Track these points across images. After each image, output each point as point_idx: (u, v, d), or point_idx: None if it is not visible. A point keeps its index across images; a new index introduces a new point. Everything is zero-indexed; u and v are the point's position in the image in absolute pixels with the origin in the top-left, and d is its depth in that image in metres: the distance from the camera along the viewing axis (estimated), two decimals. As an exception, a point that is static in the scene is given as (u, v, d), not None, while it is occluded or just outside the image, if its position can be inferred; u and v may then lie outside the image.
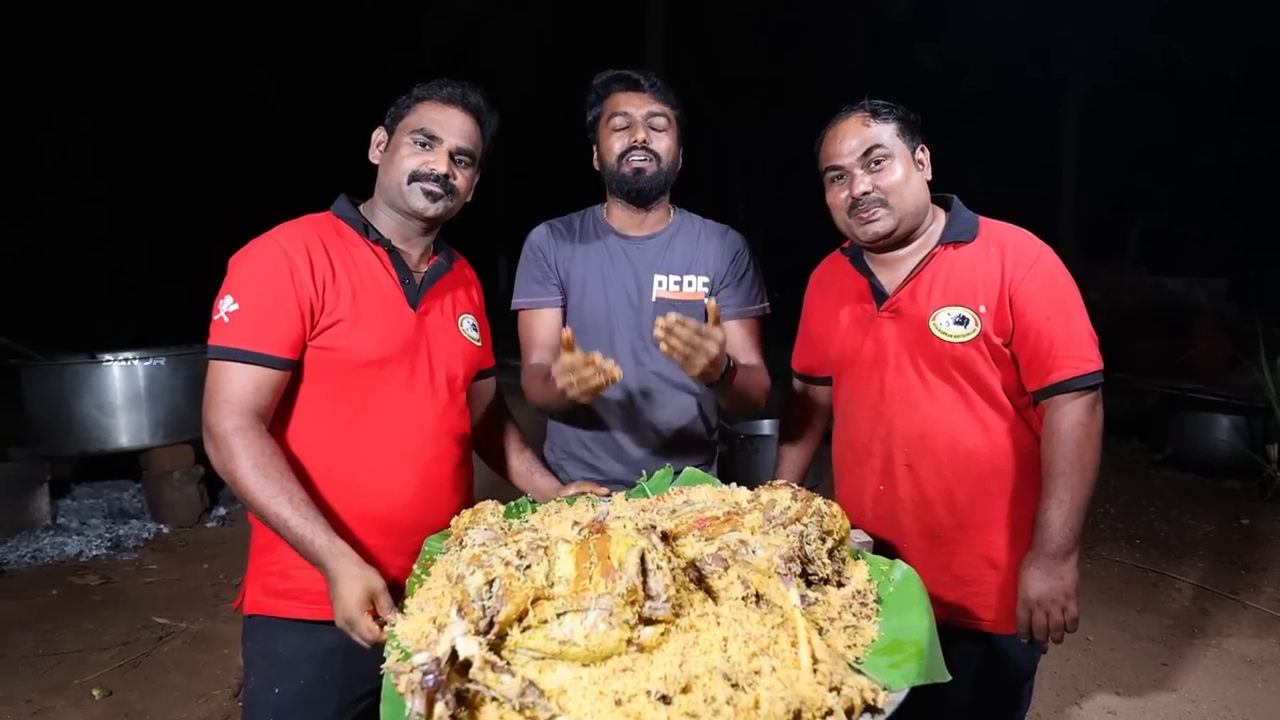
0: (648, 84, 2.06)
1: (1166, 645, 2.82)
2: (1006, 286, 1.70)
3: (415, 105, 1.73)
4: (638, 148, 2.03)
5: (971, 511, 1.77)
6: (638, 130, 2.04)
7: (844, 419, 1.96)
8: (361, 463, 1.63)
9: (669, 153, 2.07)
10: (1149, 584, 3.42)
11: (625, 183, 2.05)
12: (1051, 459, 1.67)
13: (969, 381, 1.74)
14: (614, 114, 2.06)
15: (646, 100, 2.05)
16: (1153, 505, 4.62)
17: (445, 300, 1.81)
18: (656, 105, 2.05)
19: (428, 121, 1.70)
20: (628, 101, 2.05)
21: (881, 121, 1.77)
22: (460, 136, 1.71)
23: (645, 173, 2.04)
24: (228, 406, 1.48)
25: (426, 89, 1.74)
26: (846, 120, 1.80)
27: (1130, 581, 3.47)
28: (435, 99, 1.73)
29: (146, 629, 3.35)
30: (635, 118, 2.04)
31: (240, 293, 1.54)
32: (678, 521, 1.45)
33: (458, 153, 1.71)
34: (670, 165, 2.08)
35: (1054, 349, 1.66)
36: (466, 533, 1.45)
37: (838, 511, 1.49)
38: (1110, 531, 4.20)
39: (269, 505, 1.43)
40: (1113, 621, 3.04)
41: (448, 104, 1.72)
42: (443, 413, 1.74)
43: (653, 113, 2.04)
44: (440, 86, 1.74)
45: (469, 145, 1.73)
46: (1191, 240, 14.96)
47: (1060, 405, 1.68)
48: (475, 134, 1.76)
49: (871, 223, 1.76)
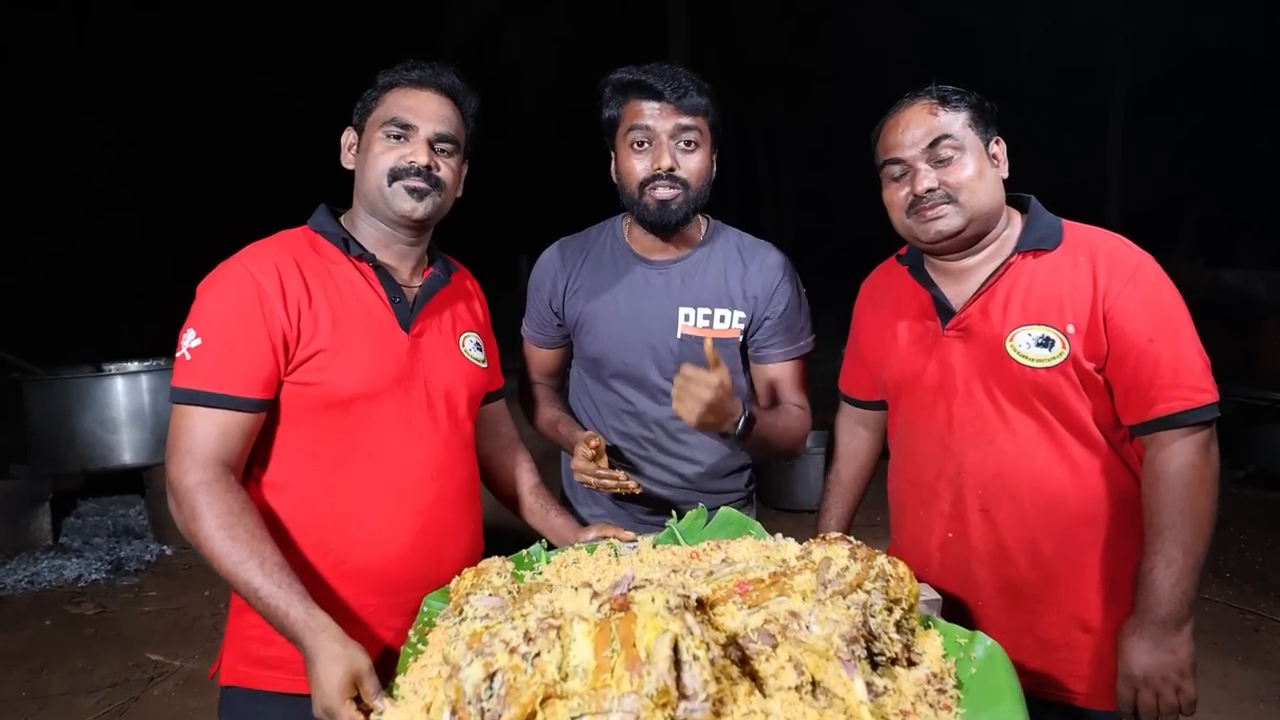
0: (673, 93, 1.76)
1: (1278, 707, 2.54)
2: (1100, 302, 1.50)
3: (383, 95, 1.58)
4: (662, 176, 1.79)
5: (1059, 564, 1.57)
6: (662, 154, 1.78)
7: (904, 453, 1.77)
8: (350, 512, 1.48)
9: (700, 175, 1.82)
10: (1248, 629, 3.14)
11: (648, 215, 1.83)
12: (1157, 508, 1.47)
13: (1054, 413, 1.55)
14: (633, 127, 1.80)
15: (672, 112, 1.78)
16: (1242, 532, 4.32)
17: (443, 318, 1.66)
18: (685, 117, 1.78)
19: (399, 110, 1.55)
20: (650, 114, 1.78)
21: (952, 109, 1.58)
22: (438, 121, 1.57)
23: (671, 205, 1.81)
24: (190, 458, 1.34)
25: (392, 74, 1.60)
26: (910, 107, 1.61)
27: (1226, 625, 3.19)
28: (404, 84, 1.58)
29: (138, 667, 3.25)
30: (659, 136, 1.79)
31: (203, 326, 1.40)
32: (715, 585, 1.30)
33: (438, 140, 1.57)
34: (701, 189, 1.85)
35: (1159, 377, 1.46)
36: (467, 599, 1.29)
37: (905, 573, 1.32)
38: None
39: (237, 572, 1.28)
40: (1212, 676, 2.76)
41: (419, 88, 1.58)
42: (444, 448, 1.59)
43: (681, 127, 1.78)
44: (408, 69, 1.59)
45: (449, 130, 1.58)
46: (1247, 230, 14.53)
47: (1166, 444, 1.48)
48: (454, 117, 1.61)
49: (936, 220, 1.57)
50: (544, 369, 2.10)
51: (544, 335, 2.04)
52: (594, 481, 1.78)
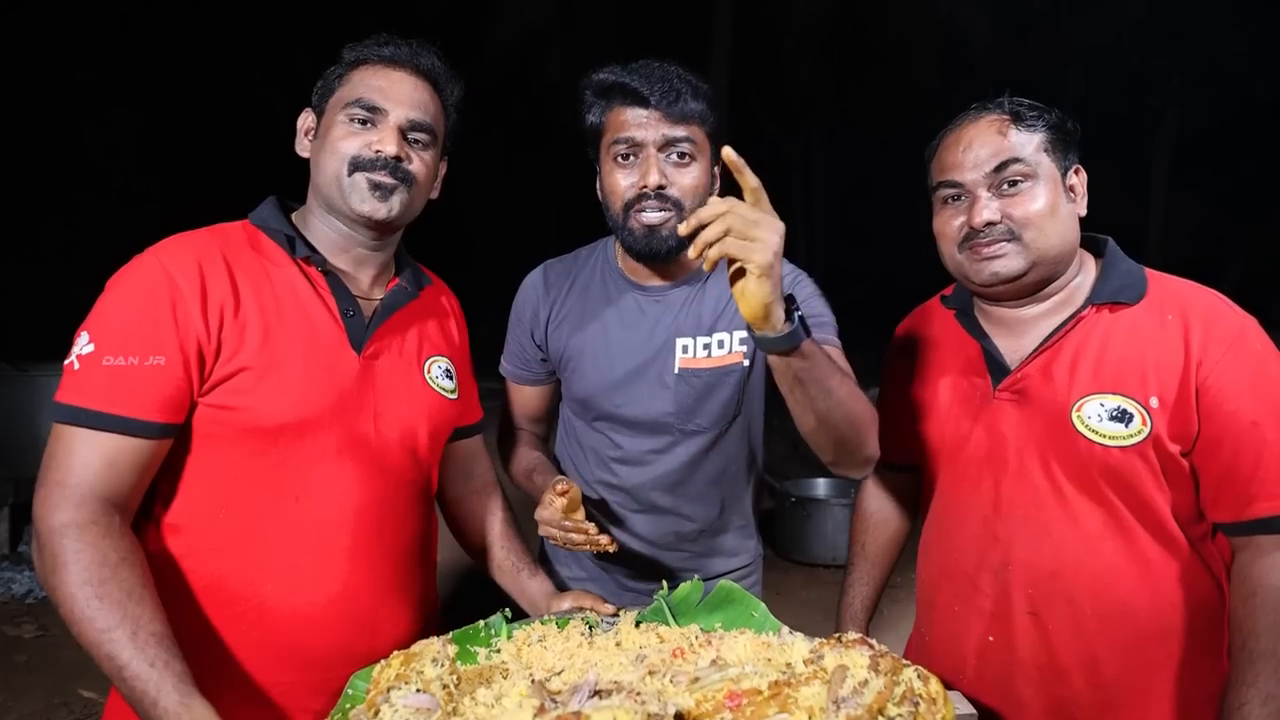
0: (662, 98, 1.54)
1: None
2: (1193, 372, 1.28)
3: (349, 73, 1.40)
4: (650, 195, 1.57)
5: (1123, 686, 1.35)
6: (650, 170, 1.56)
7: (940, 533, 1.55)
8: (268, 567, 1.27)
9: (693, 192, 1.59)
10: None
11: (635, 243, 1.62)
12: (1253, 630, 1.23)
13: (1126, 502, 1.33)
14: (617, 140, 1.59)
15: (660, 121, 1.55)
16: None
17: (406, 339, 1.46)
18: (677, 127, 1.56)
19: (367, 90, 1.37)
20: (636, 124, 1.56)
21: (1026, 129, 1.38)
22: (412, 106, 1.38)
23: (660, 231, 1.59)
24: (60, 491, 1.14)
25: (361, 49, 1.42)
26: (976, 122, 1.41)
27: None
28: (374, 61, 1.40)
29: (65, 706, 3.04)
30: (646, 148, 1.57)
31: (99, 329, 1.20)
32: (701, 695, 1.10)
33: (411, 128, 1.38)
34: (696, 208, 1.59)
35: (1262, 469, 1.25)
36: (388, 695, 1.06)
37: (938, 693, 1.11)
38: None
39: (100, 642, 1.06)
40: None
41: (392, 66, 1.40)
42: (391, 494, 1.39)
43: (671, 139, 1.56)
44: (380, 45, 1.41)
45: (424, 117, 1.40)
46: None
47: (1267, 551, 1.25)
48: (432, 104, 1.43)
49: (992, 260, 1.37)
50: (527, 410, 1.90)
51: (526, 371, 1.85)
52: (559, 536, 1.54)
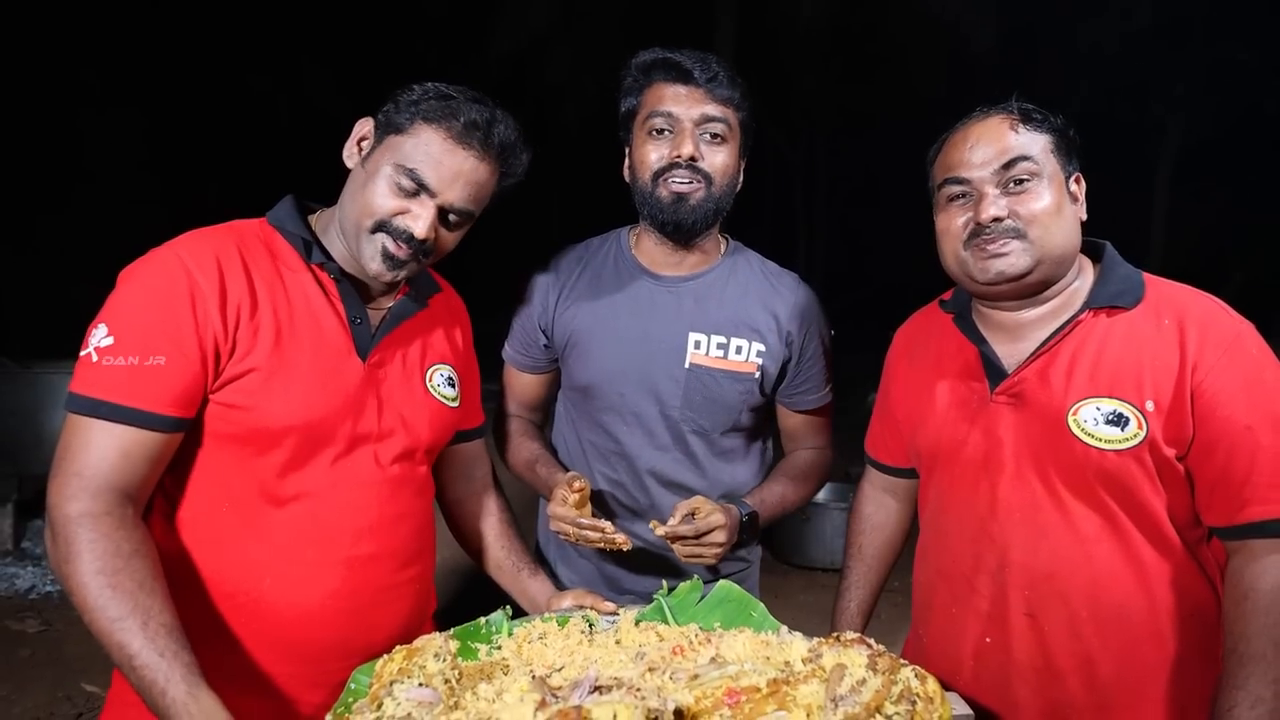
0: (704, 75, 1.61)
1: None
2: (1189, 376, 1.28)
3: (418, 126, 1.32)
4: (681, 165, 1.61)
5: (1118, 688, 1.35)
6: (684, 141, 1.61)
7: (937, 535, 1.56)
8: (270, 563, 1.29)
9: (725, 171, 1.65)
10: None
11: (661, 211, 1.65)
12: (1243, 633, 1.23)
13: (1122, 505, 1.33)
14: (654, 113, 1.63)
15: (701, 99, 1.61)
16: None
17: (411, 348, 1.47)
18: (714, 106, 1.62)
19: (425, 160, 1.31)
20: (675, 98, 1.62)
21: (1034, 129, 1.38)
22: (463, 192, 1.34)
23: (689, 200, 1.63)
24: (77, 481, 1.15)
25: (439, 109, 1.32)
26: (984, 121, 1.41)
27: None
28: (446, 130, 1.32)
29: (69, 700, 3.06)
30: (682, 122, 1.62)
31: (117, 322, 1.20)
32: (700, 693, 1.10)
33: (452, 212, 1.35)
34: (726, 189, 1.67)
35: (1256, 473, 1.24)
36: (391, 688, 1.07)
37: (934, 692, 1.12)
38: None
39: (112, 631, 1.08)
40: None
41: (461, 144, 1.32)
42: (390, 495, 1.40)
43: (708, 116, 1.62)
44: (458, 113, 1.32)
45: (470, 205, 1.36)
46: None
47: (1259, 555, 1.25)
48: (488, 185, 1.38)
49: (998, 257, 1.36)
50: (525, 399, 1.91)
51: (528, 358, 1.85)
52: (573, 533, 1.56)
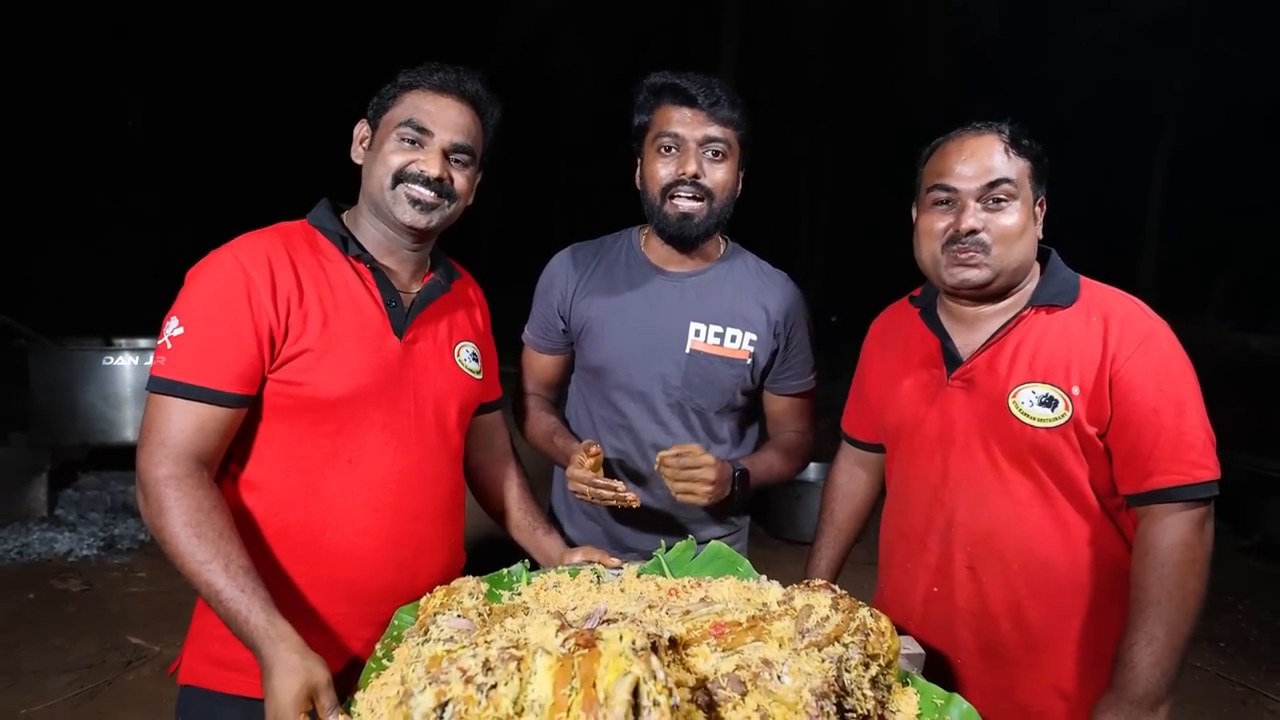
0: (706, 100, 1.77)
1: (1260, 786, 2.53)
2: (1108, 366, 1.47)
3: (402, 95, 1.54)
4: (686, 182, 1.79)
5: (1043, 631, 1.54)
6: (689, 160, 1.79)
7: (897, 501, 1.75)
8: (325, 517, 1.46)
9: (724, 187, 1.83)
10: (1236, 700, 3.11)
11: (668, 226, 1.84)
12: (1144, 584, 1.43)
13: (1051, 475, 1.52)
14: (662, 133, 1.81)
15: (703, 121, 1.78)
16: (1240, 602, 4.27)
17: (439, 326, 1.64)
18: (716, 128, 1.79)
19: (417, 113, 1.51)
20: (680, 120, 1.79)
21: (1019, 154, 1.54)
22: (456, 130, 1.53)
23: (694, 217, 1.81)
24: (162, 450, 1.32)
25: (414, 75, 1.55)
26: (978, 138, 1.55)
27: (1215, 695, 3.15)
28: (425, 86, 1.53)
29: (117, 650, 3.24)
30: (687, 143, 1.79)
31: (188, 314, 1.38)
32: (691, 625, 1.28)
33: (454, 150, 1.53)
34: (725, 203, 1.85)
35: (1159, 448, 1.43)
36: (434, 619, 1.27)
37: (886, 628, 1.29)
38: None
39: (200, 572, 1.25)
40: (1196, 749, 2.75)
41: (440, 92, 1.54)
42: (428, 459, 1.57)
43: (710, 138, 1.79)
44: (430, 72, 1.55)
45: (467, 140, 1.55)
46: None
47: (1159, 518, 1.44)
48: (475, 127, 1.57)
49: (967, 267, 1.53)
50: (543, 378, 2.08)
51: (546, 340, 2.02)
52: (589, 492, 1.72)
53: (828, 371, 2.01)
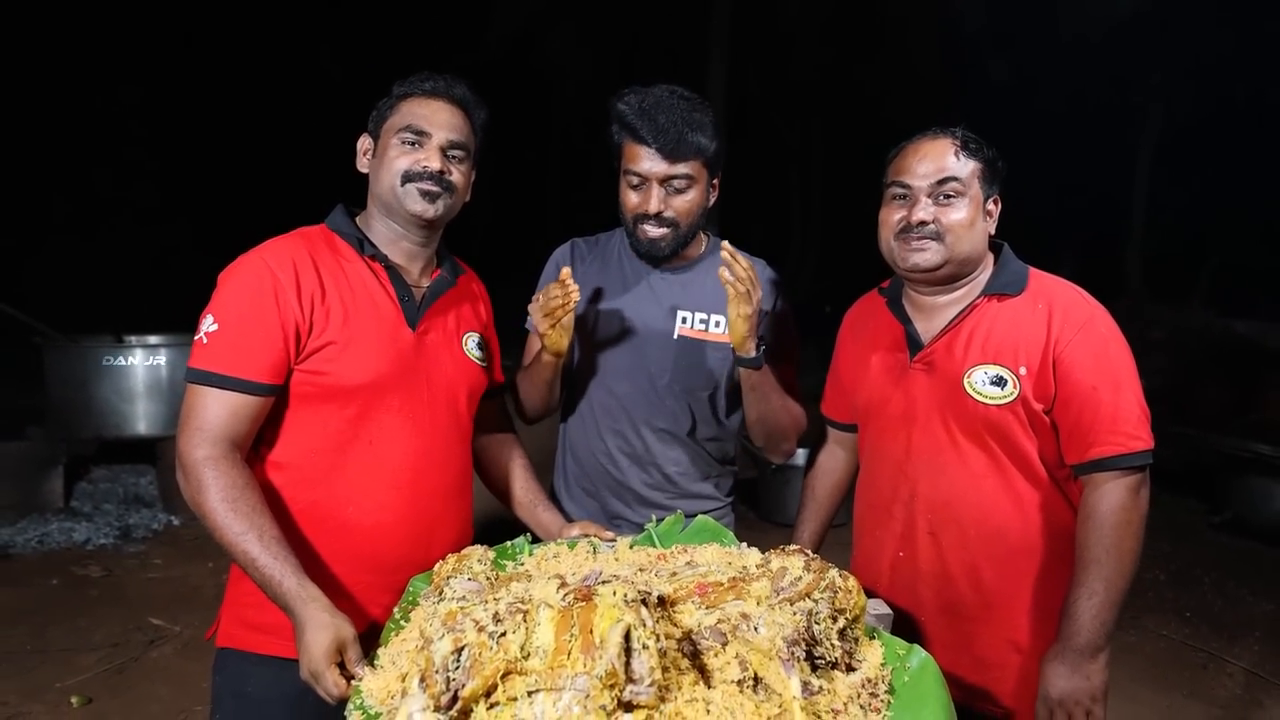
0: (664, 145, 1.83)
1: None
2: (1051, 348, 1.59)
3: (398, 104, 1.67)
4: (651, 217, 1.89)
5: (997, 590, 1.67)
6: (650, 199, 1.88)
7: (867, 475, 1.87)
8: (348, 495, 1.57)
9: (690, 213, 1.92)
10: (1198, 665, 3.24)
11: (639, 247, 1.96)
12: (1086, 544, 1.55)
13: (1003, 448, 1.64)
14: (627, 170, 1.91)
15: (663, 162, 1.86)
16: (1207, 575, 4.41)
17: (448, 318, 1.75)
18: (676, 165, 1.86)
19: (414, 118, 1.64)
20: (645, 158, 1.87)
21: (968, 156, 1.66)
22: (450, 130, 1.65)
23: (660, 242, 1.92)
24: (199, 434, 1.43)
25: (407, 85, 1.68)
26: (933, 142, 1.69)
27: (1178, 661, 3.30)
28: (418, 94, 1.67)
29: (139, 630, 3.35)
30: (650, 181, 1.88)
31: (221, 313, 1.49)
32: (677, 585, 1.38)
33: (450, 147, 1.65)
34: (692, 224, 1.93)
35: (1098, 422, 1.55)
36: (448, 582, 1.39)
37: (853, 587, 1.40)
38: (1159, 601, 4.00)
39: (236, 542, 1.37)
40: (1156, 707, 2.88)
41: (432, 97, 1.67)
42: (440, 441, 1.68)
43: (671, 175, 1.87)
44: (422, 80, 1.68)
45: (460, 138, 1.67)
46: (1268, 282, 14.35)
47: (1099, 485, 1.56)
48: (465, 126, 1.69)
49: (918, 252, 1.66)
50: None
51: None
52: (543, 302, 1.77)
53: (820, 361, 2.10)
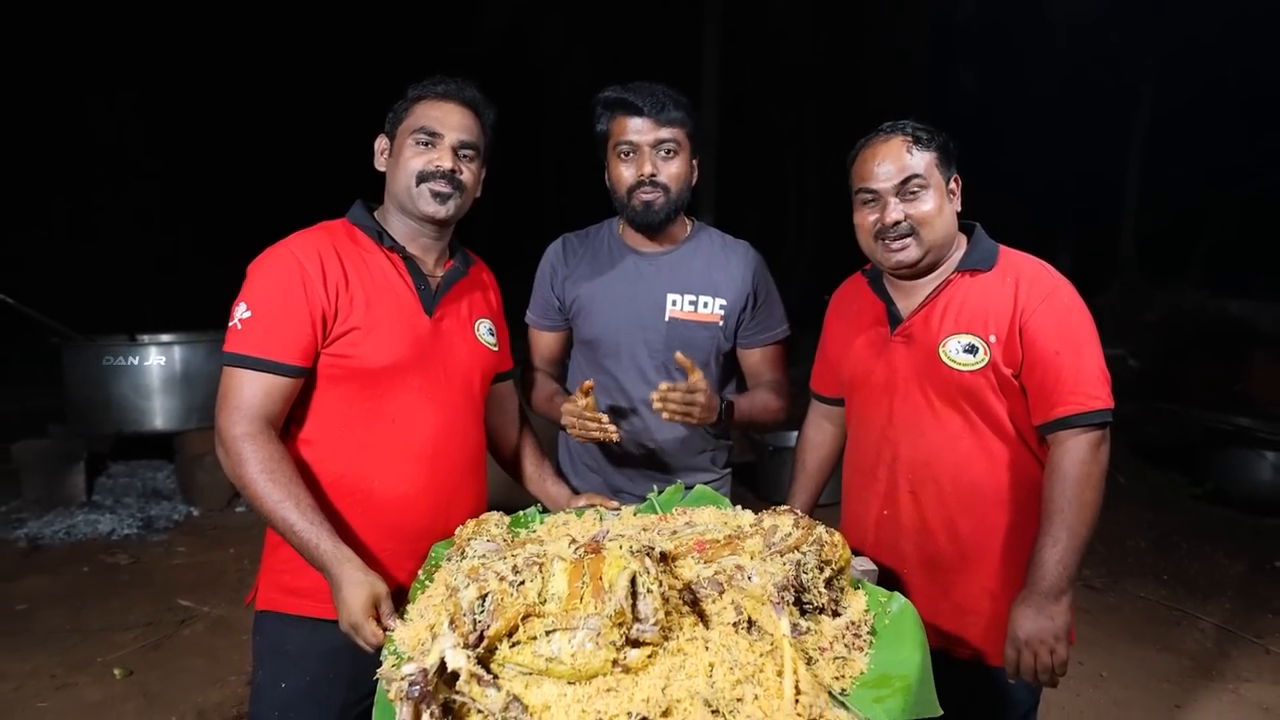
0: (651, 109, 1.97)
1: (1182, 687, 2.78)
2: (1018, 317, 1.70)
3: (412, 106, 1.75)
4: (645, 182, 2.00)
5: (973, 542, 1.77)
6: (644, 162, 2.00)
7: (853, 441, 1.98)
8: (373, 468, 1.67)
9: (679, 179, 2.03)
10: (1171, 622, 3.37)
11: (635, 216, 2.05)
12: (1050, 496, 1.66)
13: (976, 411, 1.75)
14: (619, 142, 2.01)
15: (653, 126, 1.98)
16: (1185, 541, 4.53)
17: (461, 305, 1.84)
18: (664, 130, 1.99)
19: (427, 119, 1.71)
20: (634, 129, 1.99)
21: (922, 149, 1.75)
22: (461, 130, 1.73)
23: (654, 206, 2.02)
24: (238, 413, 1.53)
25: (421, 88, 1.76)
26: (886, 143, 1.77)
27: (1153, 619, 3.43)
28: (431, 96, 1.74)
29: (170, 611, 3.47)
30: (642, 147, 2.00)
31: (253, 300, 1.58)
32: (677, 543, 1.48)
33: (461, 147, 1.73)
34: (680, 191, 2.05)
35: (1061, 384, 1.65)
36: (469, 543, 1.50)
37: (839, 541, 1.50)
38: (1138, 566, 4.13)
39: (276, 510, 1.47)
40: (1130, 658, 3.00)
41: (444, 100, 1.74)
42: (456, 419, 1.78)
43: (660, 140, 1.99)
44: (435, 84, 1.76)
45: (471, 138, 1.75)
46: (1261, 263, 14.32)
47: (1063, 441, 1.67)
48: (475, 127, 1.77)
49: (899, 251, 1.76)
50: (545, 354, 2.28)
51: (547, 319, 2.23)
52: (578, 425, 1.90)
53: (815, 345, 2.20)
